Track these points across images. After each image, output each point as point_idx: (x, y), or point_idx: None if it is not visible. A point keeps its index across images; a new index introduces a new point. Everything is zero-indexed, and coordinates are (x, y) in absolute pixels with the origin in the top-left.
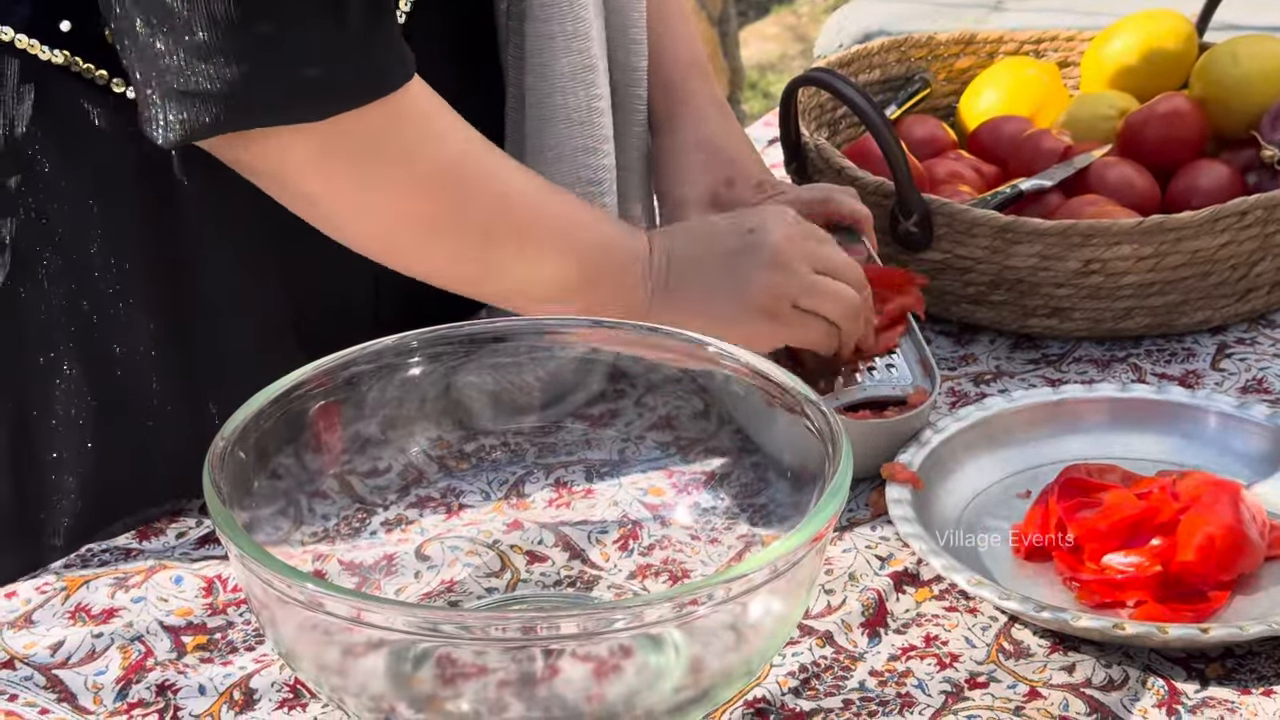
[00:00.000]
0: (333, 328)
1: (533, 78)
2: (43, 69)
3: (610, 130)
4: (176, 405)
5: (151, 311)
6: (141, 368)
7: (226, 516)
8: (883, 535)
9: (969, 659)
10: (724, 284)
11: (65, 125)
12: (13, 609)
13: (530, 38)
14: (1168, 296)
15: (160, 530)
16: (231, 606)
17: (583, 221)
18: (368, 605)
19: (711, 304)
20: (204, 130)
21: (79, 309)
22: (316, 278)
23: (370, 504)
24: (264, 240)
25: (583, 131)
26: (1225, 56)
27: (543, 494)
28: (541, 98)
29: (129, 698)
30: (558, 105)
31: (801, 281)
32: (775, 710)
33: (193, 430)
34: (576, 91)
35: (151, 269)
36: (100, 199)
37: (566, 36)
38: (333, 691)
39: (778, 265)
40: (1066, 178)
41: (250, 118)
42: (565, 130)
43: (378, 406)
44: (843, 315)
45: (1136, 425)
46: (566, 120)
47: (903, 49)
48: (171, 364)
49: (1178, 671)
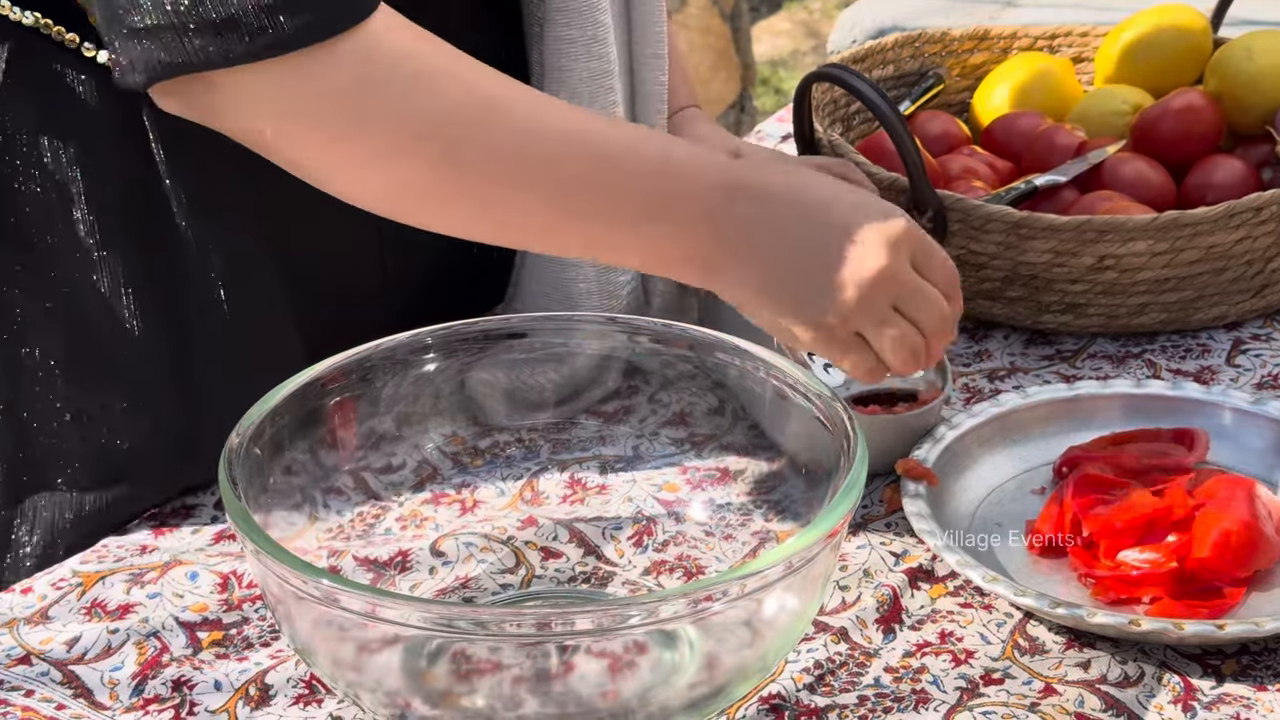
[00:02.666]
0: (337, 324)
1: (552, 84)
2: (13, 30)
3: None
4: (165, 389)
5: (135, 284)
6: (123, 344)
7: (242, 512)
8: (897, 532)
9: (984, 655)
10: (809, 265)
11: (40, 89)
12: (29, 605)
13: (549, 42)
14: (1183, 292)
15: (175, 526)
16: (247, 602)
17: (645, 149)
18: (383, 601)
19: (785, 285)
20: (161, 69)
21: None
22: (317, 270)
23: (385, 500)
24: (256, 225)
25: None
26: (1240, 51)
27: (557, 490)
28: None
29: (145, 693)
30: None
31: (906, 283)
32: (790, 706)
33: (181, 419)
34: (595, 97)
35: (132, 238)
36: (80, 165)
37: (586, 41)
38: (348, 687)
39: (890, 248)
40: (1081, 173)
41: (204, 56)
42: None
43: (392, 402)
44: (934, 329)
45: (1151, 421)
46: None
47: (916, 44)
48: (159, 347)
49: (1193, 668)
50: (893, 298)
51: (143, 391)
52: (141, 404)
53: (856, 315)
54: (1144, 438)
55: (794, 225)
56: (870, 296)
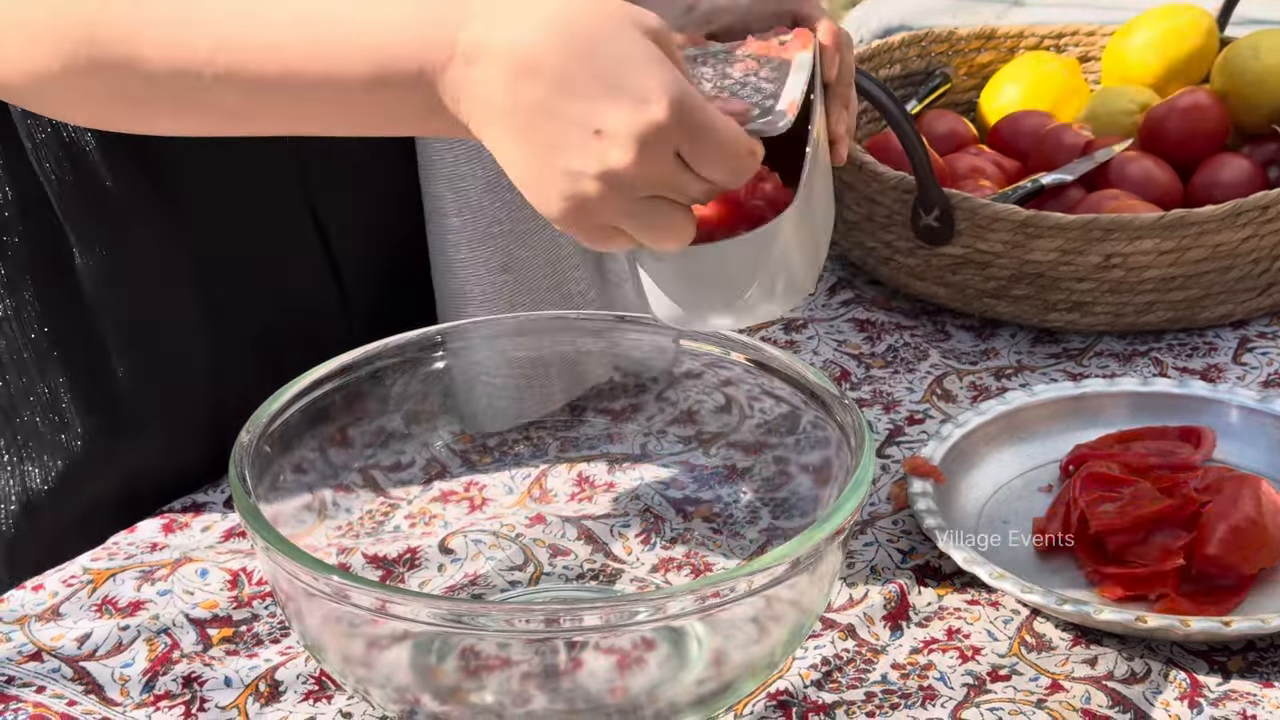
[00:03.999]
0: (303, 342)
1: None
2: None
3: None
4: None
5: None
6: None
7: (253, 509)
8: (904, 529)
9: (991, 652)
10: (533, 168)
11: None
12: (40, 601)
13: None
14: (1189, 291)
15: (185, 524)
16: (257, 599)
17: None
18: (393, 597)
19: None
20: None
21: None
22: (273, 291)
23: (394, 497)
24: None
25: None
26: (1246, 50)
27: (565, 487)
28: None
29: (155, 689)
30: None
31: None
32: (798, 703)
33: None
34: None
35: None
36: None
37: None
38: (358, 683)
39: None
40: (1087, 172)
41: None
42: None
43: (401, 400)
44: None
45: (1158, 419)
46: None
47: (923, 44)
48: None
49: (1200, 664)
50: (650, 187)
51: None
52: None
53: (598, 213)
54: (1151, 435)
55: (509, 95)
56: (609, 195)
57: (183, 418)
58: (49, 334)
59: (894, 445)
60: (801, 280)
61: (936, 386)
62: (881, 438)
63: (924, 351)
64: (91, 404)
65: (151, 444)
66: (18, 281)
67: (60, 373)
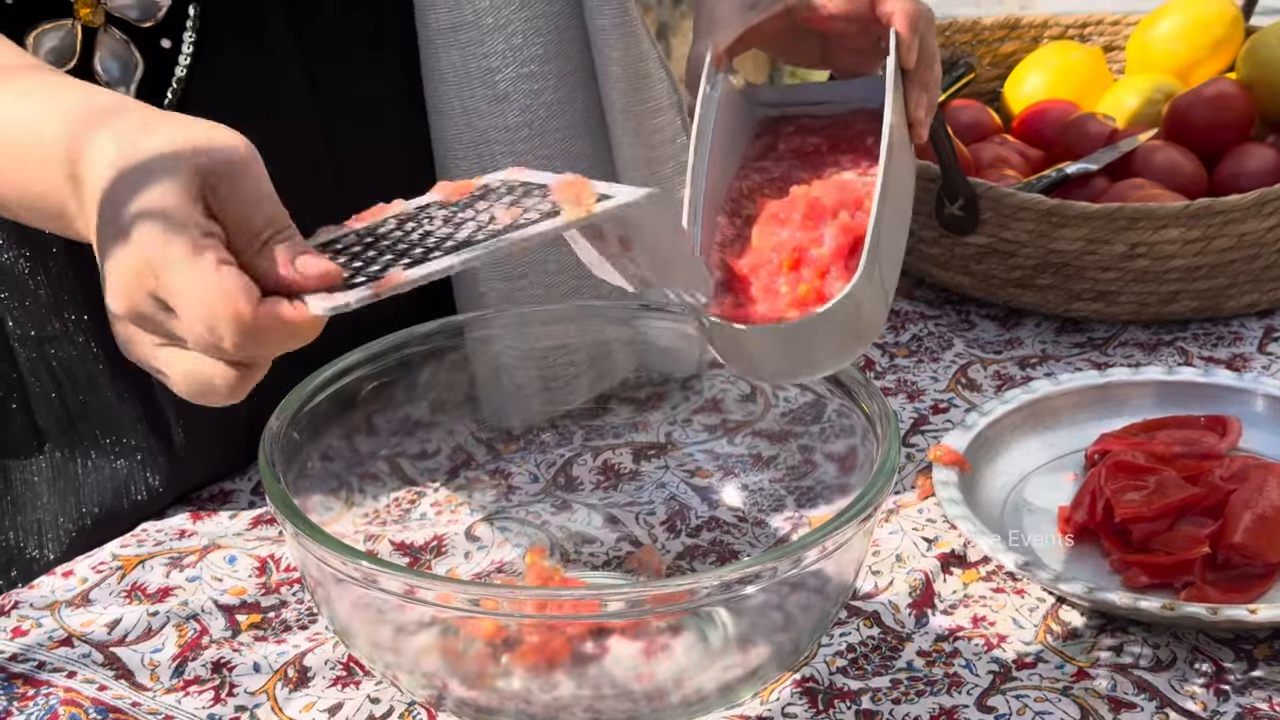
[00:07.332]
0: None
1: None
2: None
3: (511, 89)
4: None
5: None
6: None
7: (283, 495)
8: (930, 517)
9: (1016, 640)
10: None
11: None
12: (70, 588)
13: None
14: (1214, 280)
15: (213, 511)
16: (285, 586)
17: None
18: (421, 582)
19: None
20: None
21: None
22: None
23: (420, 485)
24: None
25: (459, 91)
26: (1272, 39)
27: (590, 476)
28: (426, 57)
29: (185, 675)
30: (442, 63)
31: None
32: (823, 690)
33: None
34: (451, 51)
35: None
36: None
37: None
38: (386, 669)
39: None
40: (1112, 161)
41: None
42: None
43: (428, 389)
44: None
45: (1183, 408)
46: (445, 79)
47: (948, 34)
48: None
49: (1225, 652)
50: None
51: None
52: None
53: (129, 349)
54: (1176, 424)
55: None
56: (127, 330)
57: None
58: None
59: (919, 434)
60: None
61: (961, 376)
62: (906, 426)
63: (948, 341)
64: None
65: (195, 444)
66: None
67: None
